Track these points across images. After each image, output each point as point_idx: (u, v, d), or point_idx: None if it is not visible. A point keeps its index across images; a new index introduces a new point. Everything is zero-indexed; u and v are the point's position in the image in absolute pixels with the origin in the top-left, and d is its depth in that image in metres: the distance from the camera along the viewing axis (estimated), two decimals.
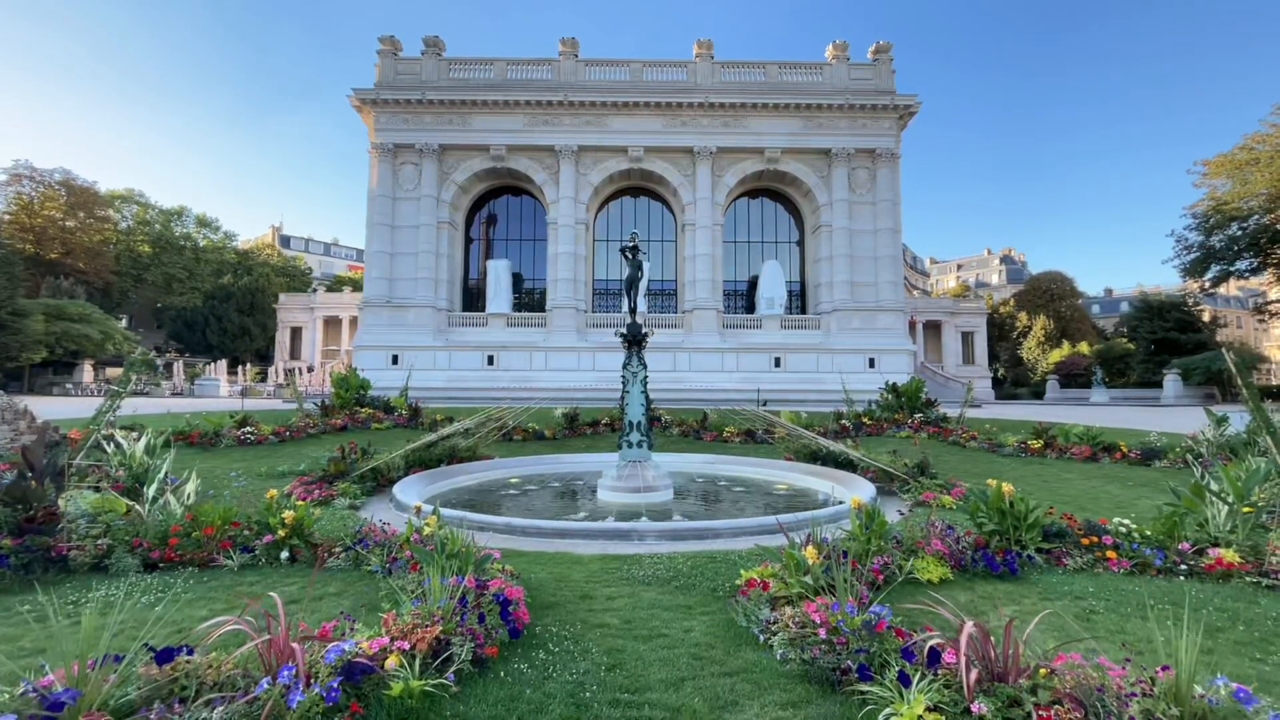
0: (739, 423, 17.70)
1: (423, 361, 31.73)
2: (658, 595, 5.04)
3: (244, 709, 2.66)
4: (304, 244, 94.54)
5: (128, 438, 9.26)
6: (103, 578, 5.16)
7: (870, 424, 17.90)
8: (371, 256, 34.86)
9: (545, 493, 11.38)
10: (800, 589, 4.35)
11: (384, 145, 34.65)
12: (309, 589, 4.86)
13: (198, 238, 65.61)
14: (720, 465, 13.93)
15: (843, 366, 30.65)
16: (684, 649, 3.88)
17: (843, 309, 33.61)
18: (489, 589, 4.10)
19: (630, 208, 37.83)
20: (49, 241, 51.42)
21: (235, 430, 14.15)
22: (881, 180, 34.12)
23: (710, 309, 33.88)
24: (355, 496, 9.07)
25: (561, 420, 18.44)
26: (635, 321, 11.45)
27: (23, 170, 52.25)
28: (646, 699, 3.20)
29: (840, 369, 30.10)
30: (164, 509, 6.05)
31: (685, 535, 7.36)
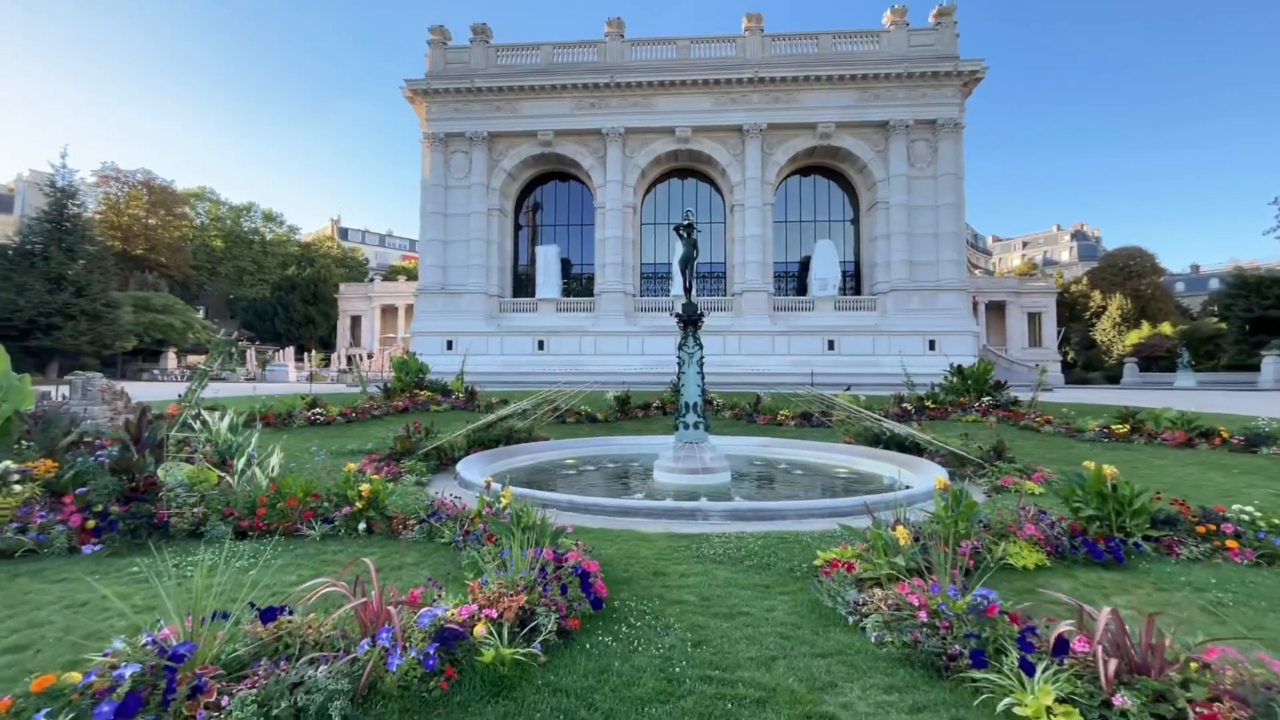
0: (794, 405, 17.27)
1: (476, 347, 32.49)
2: (731, 574, 4.91)
3: (346, 668, 2.69)
4: (361, 235, 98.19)
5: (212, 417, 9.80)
6: (199, 543, 5.44)
7: (934, 408, 17.11)
8: (425, 245, 35.77)
9: (601, 473, 11.41)
10: (890, 570, 4.12)
11: (435, 135, 35.32)
12: (390, 558, 4.98)
13: (265, 232, 69.09)
14: (776, 448, 13.63)
15: (901, 349, 29.46)
16: (769, 627, 3.74)
17: (901, 289, 32.26)
18: (567, 561, 4.07)
19: (678, 190, 37.32)
20: (134, 238, 55.22)
21: (306, 411, 14.81)
22: (943, 153, 32.34)
23: (760, 291, 33.19)
24: (421, 474, 9.31)
25: (613, 403, 18.47)
26: (691, 301, 11.23)
27: (110, 172, 56.25)
28: (739, 677, 3.08)
29: (898, 351, 28.94)
30: (250, 481, 6.34)
31: (751, 516, 7.19)
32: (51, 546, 5.06)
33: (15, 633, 3.52)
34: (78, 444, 6.57)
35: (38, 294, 36.46)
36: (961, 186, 32.60)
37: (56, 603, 3.97)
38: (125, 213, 55.77)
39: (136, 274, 52.67)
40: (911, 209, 32.39)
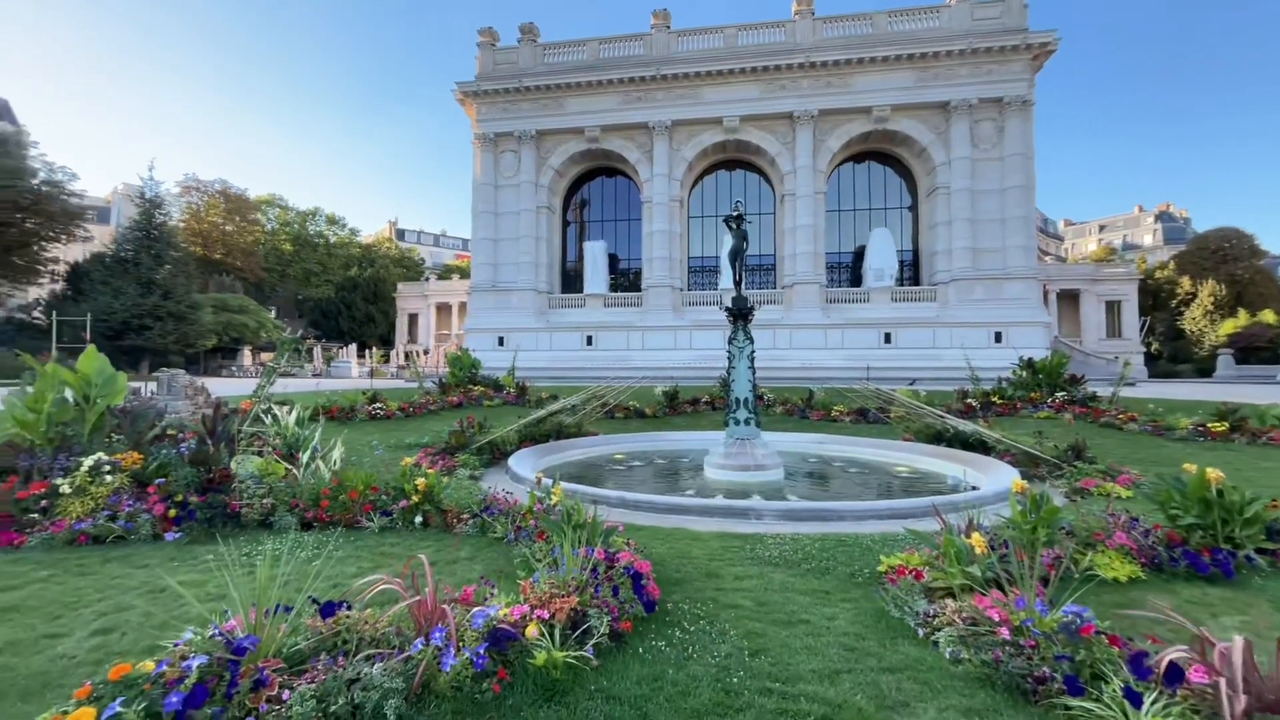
0: (850, 401, 16.67)
1: (526, 343, 33.06)
2: (788, 578, 4.71)
3: (400, 666, 2.69)
4: (417, 236, 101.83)
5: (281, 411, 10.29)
6: (267, 533, 5.69)
7: (1001, 403, 16.14)
8: (477, 244, 36.63)
9: (650, 469, 11.33)
10: (963, 580, 3.83)
11: (485, 135, 36.05)
12: (445, 552, 5.04)
13: (329, 235, 72.63)
14: (831, 445, 13.19)
15: (964, 341, 27.98)
16: (831, 638, 3.54)
17: (963, 278, 30.61)
18: (619, 561, 3.98)
19: (725, 182, 36.70)
20: (213, 244, 59.16)
21: (367, 406, 15.42)
22: (1010, 132, 30.39)
23: (812, 283, 32.25)
24: (474, 467, 9.48)
25: (661, 398, 18.37)
26: (741, 294, 10.97)
27: (191, 182, 60.44)
28: (800, 690, 2.91)
29: (961, 344, 27.49)
30: (315, 474, 6.58)
31: (806, 516, 6.92)
32: (138, 533, 5.39)
33: (103, 616, 3.74)
34: (161, 437, 7.01)
35: (130, 297, 39.60)
36: (1031, 167, 30.57)
37: (140, 588, 4.21)
38: (205, 220, 59.80)
39: (215, 277, 56.43)
40: (975, 193, 30.63)
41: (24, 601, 3.95)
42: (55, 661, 3.14)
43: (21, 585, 4.23)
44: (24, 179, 42.45)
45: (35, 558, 4.89)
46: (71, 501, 5.54)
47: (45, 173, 44.85)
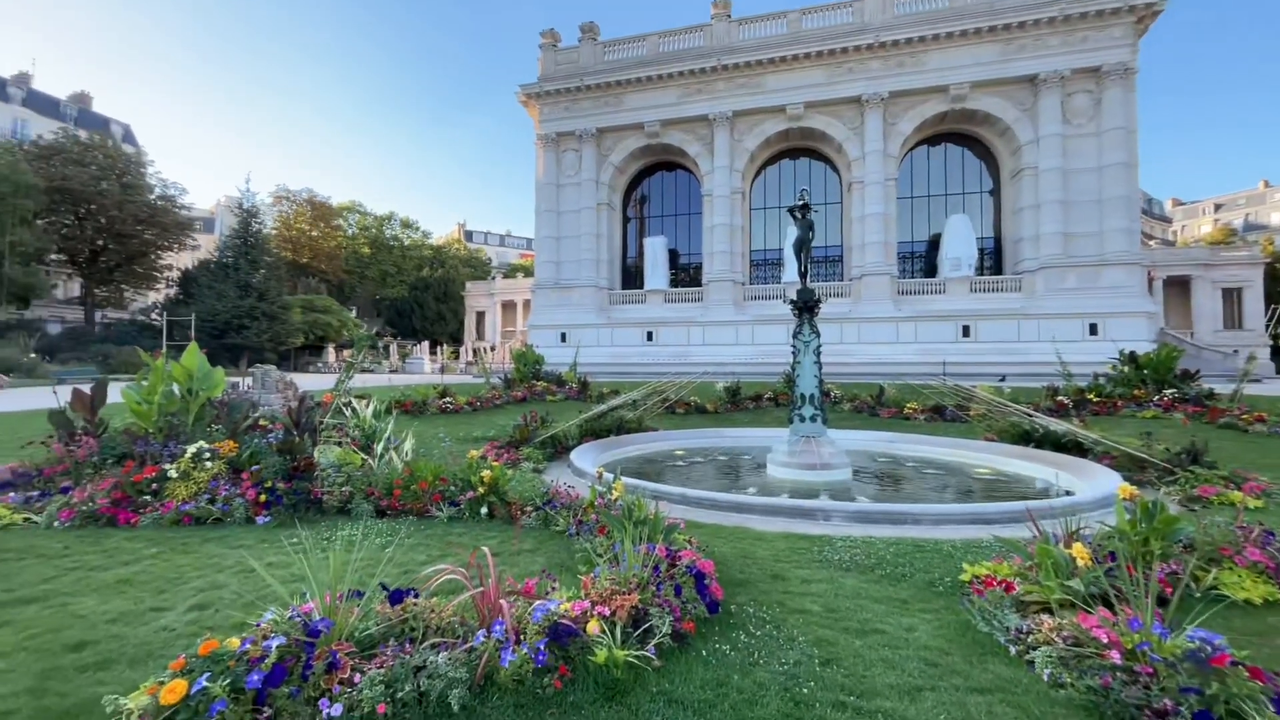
0: (924, 398, 15.77)
1: (587, 339, 33.50)
2: (860, 583, 4.44)
3: (464, 657, 2.71)
4: (484, 237, 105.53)
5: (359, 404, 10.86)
6: (346, 519, 5.98)
7: (1098, 401, 14.77)
8: (540, 242, 37.44)
9: (710, 465, 11.14)
10: (1063, 595, 3.46)
11: (547, 135, 36.73)
12: (508, 544, 5.12)
13: (403, 238, 76.46)
14: (903, 444, 12.52)
15: (1053, 334, 25.86)
16: (910, 650, 3.29)
17: (1053, 266, 28.27)
18: (681, 560, 3.87)
19: (789, 171, 35.64)
20: (300, 248, 63.63)
21: (437, 400, 16.07)
22: (1109, 104, 27.72)
23: (882, 274, 30.77)
24: (538, 461, 9.64)
25: (723, 394, 18.09)
26: (807, 286, 10.57)
27: (282, 193, 65.29)
28: (878, 707, 2.70)
29: (1050, 337, 25.42)
30: (388, 464, 6.88)
31: (878, 518, 6.55)
32: (233, 516, 5.81)
33: (200, 592, 4.03)
34: (254, 427, 7.54)
35: (231, 300, 43.26)
36: (1134, 142, 27.77)
37: (233, 567, 4.51)
38: (294, 227, 64.40)
39: (302, 280, 60.75)
40: (1068, 173, 28.18)
41: (136, 575, 4.32)
42: (158, 633, 3.40)
43: (135, 560, 4.64)
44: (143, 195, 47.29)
45: (147, 535, 5.36)
46: (177, 485, 6.05)
47: (160, 189, 49.79)
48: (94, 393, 7.46)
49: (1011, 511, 6.53)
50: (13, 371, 28.79)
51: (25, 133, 53.59)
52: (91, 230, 46.01)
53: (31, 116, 57.47)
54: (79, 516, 5.68)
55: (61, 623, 3.52)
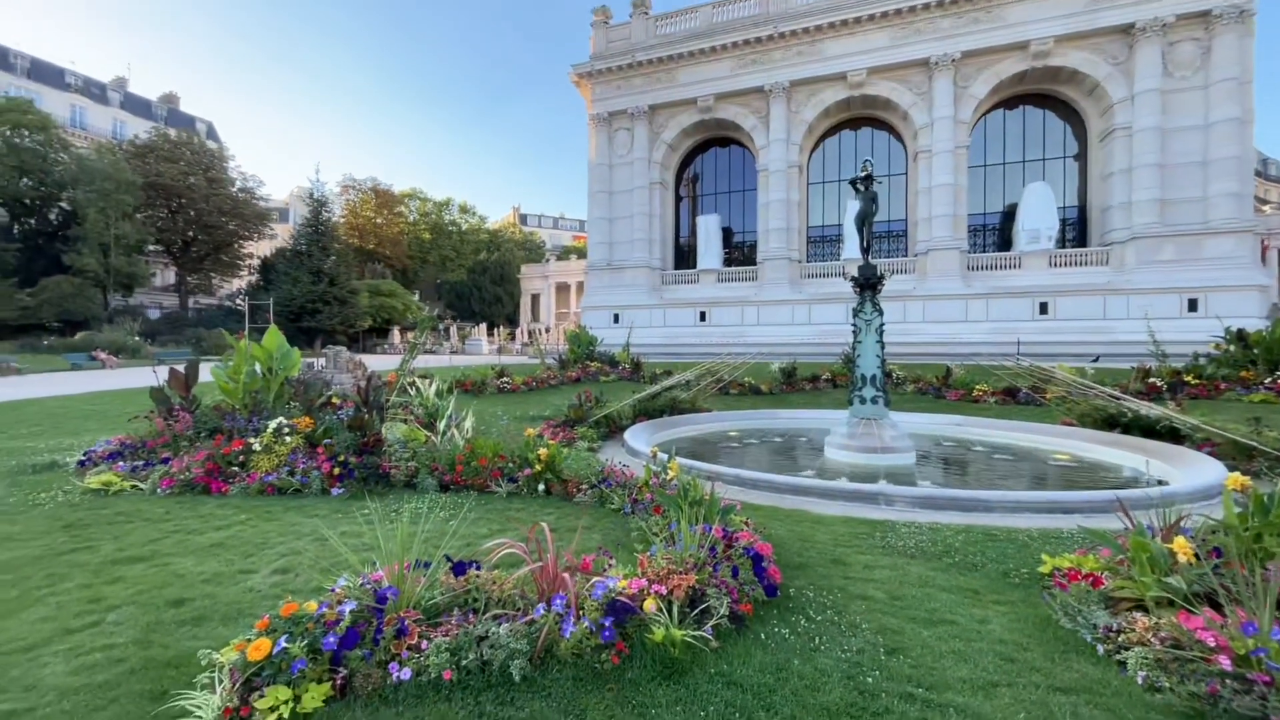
0: (995, 379, 14.89)
1: (640, 319, 33.51)
2: (927, 571, 4.25)
3: (524, 629, 2.76)
4: (538, 220, 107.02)
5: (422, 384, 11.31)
6: (411, 493, 6.25)
7: (1198, 383, 13.49)
8: (593, 223, 37.55)
9: (765, 447, 10.96)
10: (1160, 592, 3.17)
11: (599, 115, 36.54)
12: (565, 520, 5.21)
13: (460, 223, 78.63)
14: (971, 428, 11.89)
15: (1145, 310, 23.74)
16: (984, 644, 3.11)
17: (1147, 236, 25.85)
18: (738, 541, 3.81)
19: (849, 142, 34.02)
20: (366, 235, 66.56)
21: (495, 380, 16.53)
22: (1220, 52, 24.77)
23: (951, 248, 29.06)
24: (592, 440, 9.75)
25: (778, 375, 17.72)
26: (869, 262, 10.11)
27: (348, 182, 68.31)
28: (949, 700, 2.57)
29: (1142, 314, 23.36)
30: (450, 441, 7.12)
31: (945, 504, 6.25)
32: (310, 487, 6.18)
33: (283, 557, 4.31)
34: (326, 404, 7.98)
35: (305, 285, 45.88)
36: (1248, 95, 24.77)
37: (311, 535, 4.79)
38: (360, 214, 67.35)
39: (369, 265, 63.60)
40: (1167, 132, 25.53)
41: (228, 540, 4.67)
42: (246, 593, 3.66)
43: (226, 526, 5.02)
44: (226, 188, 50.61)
45: (236, 503, 5.79)
46: (261, 458, 6.49)
47: (240, 182, 53.11)
48: (187, 372, 8.09)
49: (1096, 501, 6.08)
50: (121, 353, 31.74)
51: (123, 133, 58.24)
52: (183, 222, 49.78)
53: (128, 118, 62.34)
54: (177, 485, 6.20)
55: (164, 580, 3.85)
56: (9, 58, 55.15)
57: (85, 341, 33.25)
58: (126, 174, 42.37)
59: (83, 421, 11.47)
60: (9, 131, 40.21)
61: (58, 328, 38.79)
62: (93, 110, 59.92)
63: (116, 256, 42.07)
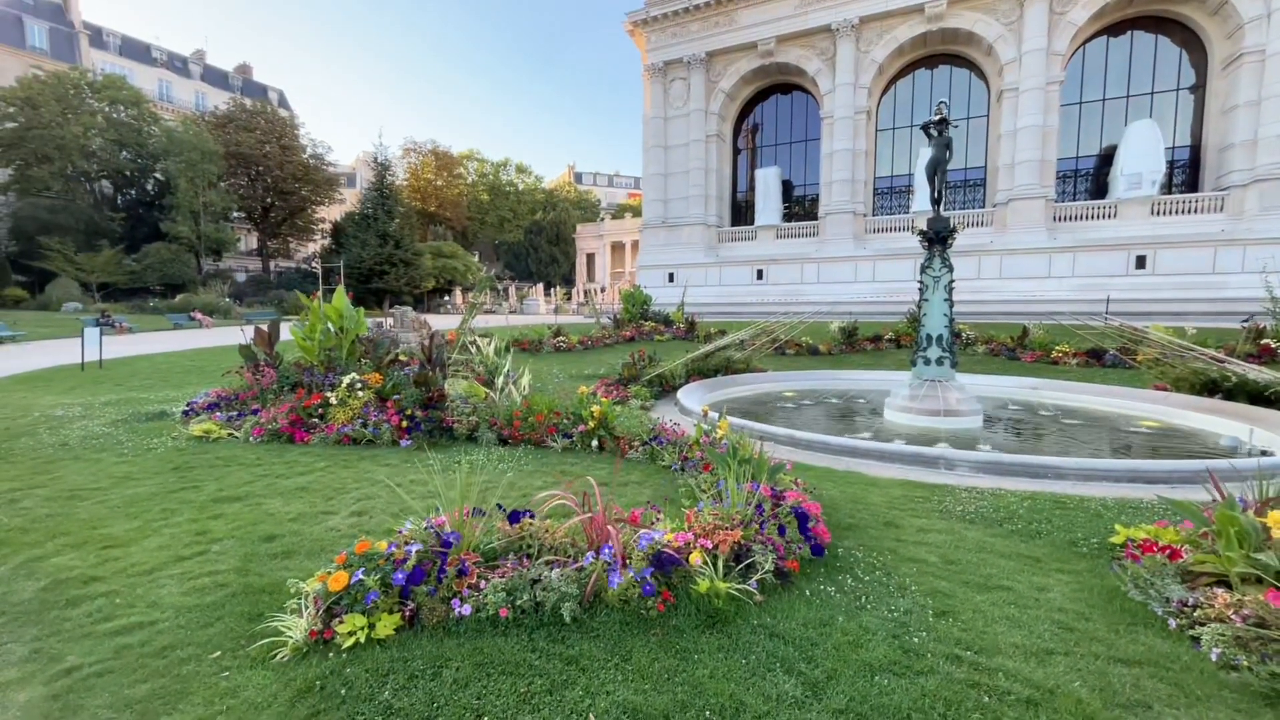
0: (1079, 340, 13.86)
1: (695, 278, 33.06)
2: (985, 537, 4.12)
3: (574, 575, 2.91)
4: (593, 178, 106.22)
5: (482, 342, 11.71)
6: (473, 446, 6.59)
7: None
8: (648, 180, 36.88)
9: (821, 409, 10.75)
10: (1247, 568, 2.95)
11: (654, 65, 35.32)
12: (617, 476, 5.36)
13: (518, 183, 79.09)
14: (1047, 392, 11.21)
15: (1265, 263, 21.23)
16: (1041, 611, 3.02)
17: (1274, 177, 22.81)
18: (785, 500, 3.81)
19: (924, 83, 31.41)
20: (428, 198, 68.21)
21: (551, 339, 16.91)
22: None
23: (1036, 198, 26.71)
24: (645, 399, 9.87)
25: (838, 334, 17.19)
26: (940, 215, 9.47)
27: (410, 145, 69.70)
28: (999, 665, 2.53)
29: (1261, 268, 20.90)
30: (508, 397, 7.40)
31: (1011, 470, 5.98)
32: (381, 439, 6.62)
33: (359, 501, 4.68)
34: (394, 362, 8.42)
35: (373, 248, 47.86)
36: None
37: (383, 481, 5.16)
38: (421, 177, 68.92)
39: (431, 228, 65.45)
40: None
41: (311, 485, 5.10)
42: (328, 532, 4.02)
43: (309, 472, 5.48)
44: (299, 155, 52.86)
45: (317, 451, 6.30)
46: (337, 411, 6.98)
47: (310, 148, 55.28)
48: (270, 331, 8.72)
49: (1182, 470, 5.65)
50: (214, 314, 34.51)
51: (204, 104, 61.55)
52: (261, 189, 52.61)
53: (208, 89, 65.69)
54: (266, 434, 6.79)
55: (257, 518, 4.28)
56: (103, 36, 58.90)
57: (184, 303, 36.32)
58: (210, 144, 44.97)
59: (185, 375, 12.67)
60: (107, 107, 43.32)
61: (160, 290, 42.49)
62: (177, 84, 63.48)
63: (206, 224, 45.20)
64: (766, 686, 2.35)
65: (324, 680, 2.37)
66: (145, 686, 2.38)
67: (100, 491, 4.95)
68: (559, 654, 2.53)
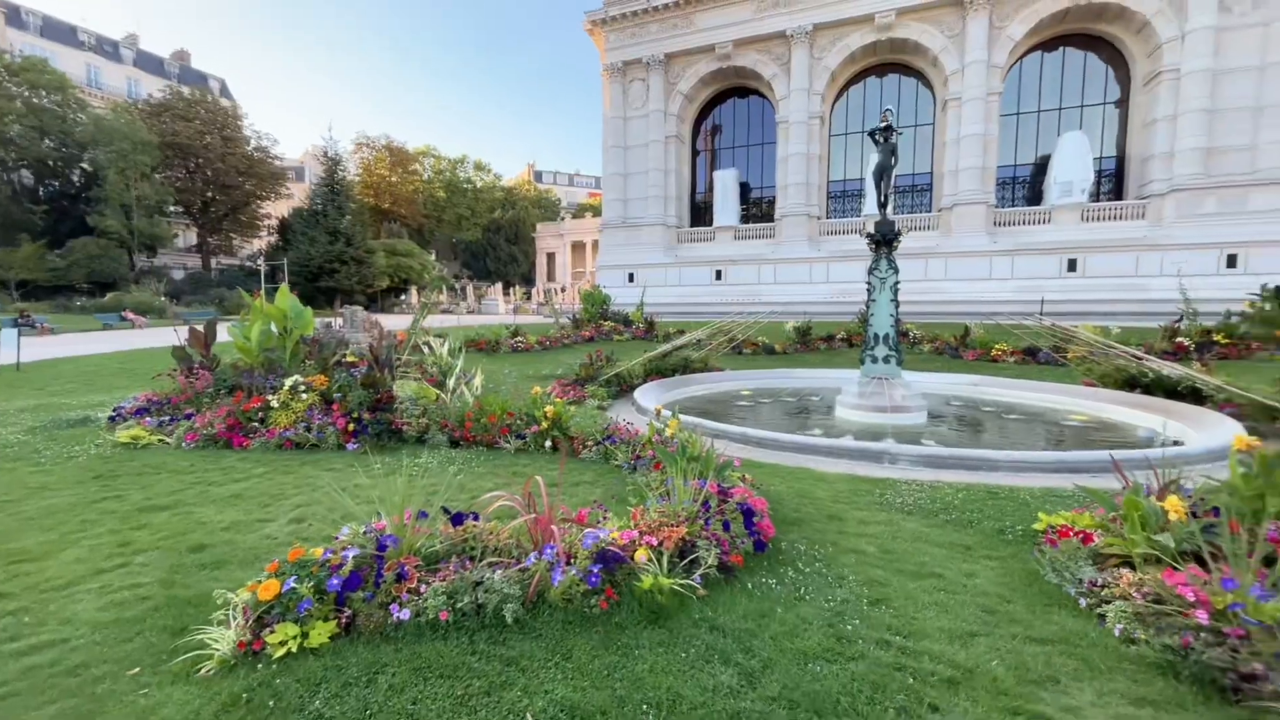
0: (1015, 339, 14.60)
1: (655, 278, 33.22)
2: (922, 527, 4.31)
3: (517, 575, 2.89)
4: (552, 177, 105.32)
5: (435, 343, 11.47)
6: (423, 448, 6.45)
7: (1228, 343, 13.10)
8: (608, 180, 36.84)
9: (776, 406, 10.99)
10: (1148, 549, 3.19)
11: (613, 65, 35.32)
12: (569, 475, 5.34)
13: (475, 180, 77.65)
14: (987, 388, 11.76)
15: (1181, 267, 22.85)
16: (967, 596, 3.18)
17: (1188, 187, 24.55)
18: (731, 496, 3.89)
19: (874, 91, 32.48)
20: (381, 194, 66.24)
21: (509, 339, 16.71)
22: None
23: (978, 203, 28.00)
24: (602, 398, 9.88)
25: (793, 334, 17.59)
26: (886, 218, 9.82)
27: (362, 139, 67.52)
28: (924, 648, 2.66)
29: (1176, 271, 22.50)
30: (460, 398, 7.27)
31: (949, 463, 6.26)
32: (326, 442, 6.41)
33: (299, 507, 4.52)
34: (341, 363, 8.16)
35: (322, 245, 46.15)
36: None
37: (325, 487, 5.00)
38: (374, 173, 66.89)
39: (385, 225, 63.61)
40: (1218, 75, 23.86)
41: (246, 491, 4.90)
42: (263, 540, 3.87)
43: (246, 478, 5.26)
44: (242, 147, 50.48)
45: (255, 457, 6.05)
46: (279, 414, 6.72)
47: (255, 140, 52.87)
48: (206, 331, 8.31)
49: (1101, 460, 6.03)
50: (148, 313, 32.60)
51: (138, 91, 58.05)
52: (200, 182, 50.00)
53: (141, 75, 61.97)
54: (201, 439, 6.48)
55: (187, 527, 4.08)
56: (21, 15, 54.80)
57: (114, 302, 34.16)
58: (143, 133, 42.44)
59: (113, 379, 11.94)
60: (27, 92, 40.34)
61: (87, 289, 39.84)
62: (107, 69, 59.64)
63: (139, 218, 42.63)
64: (704, 678, 2.40)
65: (251, 692, 2.29)
66: (54, 708, 2.25)
67: (12, 504, 4.63)
68: (499, 655, 2.52)
